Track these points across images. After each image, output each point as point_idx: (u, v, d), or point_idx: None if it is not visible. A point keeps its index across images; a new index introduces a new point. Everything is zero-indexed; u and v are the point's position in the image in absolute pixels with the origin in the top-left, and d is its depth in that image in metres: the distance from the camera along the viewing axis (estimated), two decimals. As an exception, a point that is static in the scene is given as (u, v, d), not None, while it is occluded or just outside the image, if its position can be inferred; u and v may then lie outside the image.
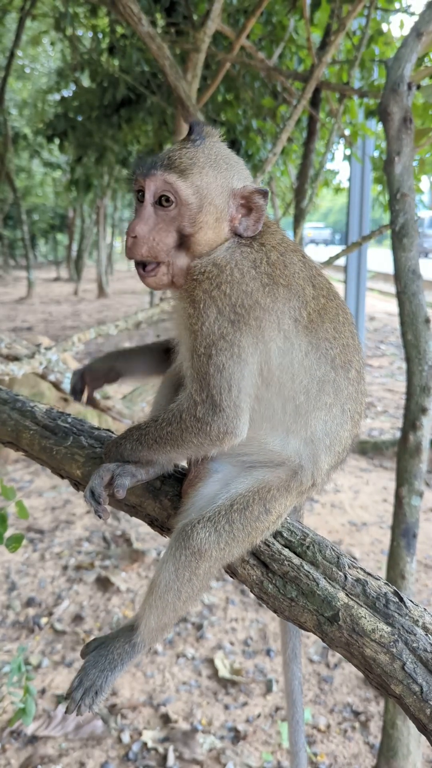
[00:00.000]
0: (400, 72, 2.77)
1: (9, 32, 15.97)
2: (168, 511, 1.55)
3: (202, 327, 1.39)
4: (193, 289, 1.42)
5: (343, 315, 1.57)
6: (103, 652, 1.52)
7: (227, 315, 1.39)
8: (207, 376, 1.38)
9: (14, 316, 18.46)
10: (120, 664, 1.51)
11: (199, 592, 1.45)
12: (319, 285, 1.54)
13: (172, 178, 1.43)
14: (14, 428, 1.82)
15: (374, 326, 16.57)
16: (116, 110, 10.19)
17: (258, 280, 1.43)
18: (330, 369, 1.49)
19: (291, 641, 1.80)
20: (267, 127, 8.32)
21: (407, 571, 2.75)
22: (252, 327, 1.40)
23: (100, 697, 1.48)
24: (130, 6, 4.00)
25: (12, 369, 2.99)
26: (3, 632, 4.27)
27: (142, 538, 5.48)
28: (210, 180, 1.46)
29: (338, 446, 1.53)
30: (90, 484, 1.46)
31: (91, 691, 1.48)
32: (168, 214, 1.44)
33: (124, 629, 1.56)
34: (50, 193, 30.38)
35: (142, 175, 1.45)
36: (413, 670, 1.21)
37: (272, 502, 1.43)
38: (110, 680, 1.49)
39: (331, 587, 1.33)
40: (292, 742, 1.84)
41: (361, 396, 1.58)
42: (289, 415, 1.47)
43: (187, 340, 1.44)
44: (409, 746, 2.77)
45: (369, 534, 5.65)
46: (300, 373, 1.46)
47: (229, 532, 1.39)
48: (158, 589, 1.43)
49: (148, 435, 1.46)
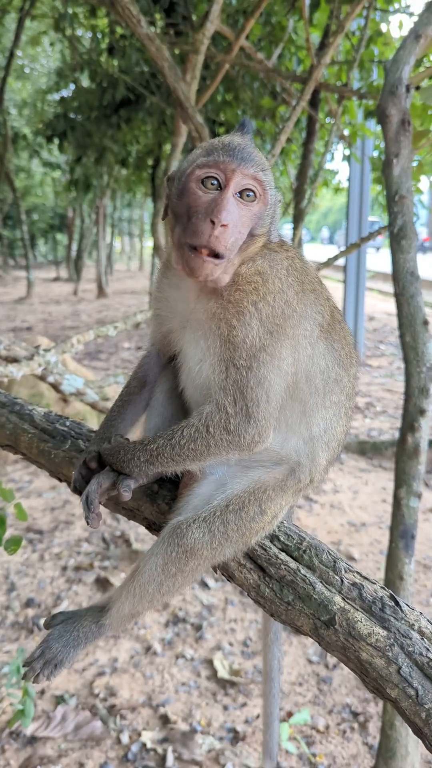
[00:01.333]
0: (398, 74, 2.77)
1: (8, 32, 15.97)
2: (165, 514, 1.55)
3: (245, 339, 1.36)
4: (240, 300, 1.38)
5: (341, 313, 1.62)
6: (69, 628, 1.54)
7: (268, 326, 1.37)
8: (245, 388, 1.35)
9: (14, 316, 18.46)
10: (84, 642, 1.53)
11: (181, 587, 1.46)
12: (325, 286, 1.58)
13: (263, 176, 1.39)
14: (13, 431, 1.82)
15: (373, 326, 16.57)
16: (115, 110, 10.20)
17: (293, 288, 1.43)
18: (340, 369, 1.52)
19: (273, 625, 1.87)
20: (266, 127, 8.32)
21: (406, 572, 2.76)
22: (289, 337, 1.40)
23: (58, 670, 1.50)
24: (129, 8, 4.00)
25: (11, 371, 2.99)
26: (2, 633, 4.27)
27: (141, 538, 5.48)
28: (272, 184, 1.46)
29: (334, 442, 1.55)
30: (87, 489, 1.46)
31: (51, 663, 1.49)
32: (250, 209, 1.38)
33: (93, 608, 1.58)
34: (50, 193, 30.36)
35: (233, 163, 1.35)
36: (409, 674, 1.21)
37: (268, 502, 1.44)
38: (72, 656, 1.51)
39: (328, 591, 1.34)
40: (265, 715, 1.93)
41: (355, 392, 1.62)
42: (295, 416, 1.48)
43: (220, 351, 1.39)
44: (407, 747, 2.77)
45: (368, 534, 5.65)
46: (317, 376, 1.48)
47: (223, 533, 1.39)
48: (141, 579, 1.44)
49: (163, 455, 1.41)
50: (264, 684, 1.92)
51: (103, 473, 1.49)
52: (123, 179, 17.70)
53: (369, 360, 12.71)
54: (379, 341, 14.65)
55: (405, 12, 6.07)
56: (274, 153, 4.54)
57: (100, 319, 17.76)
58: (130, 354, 13.14)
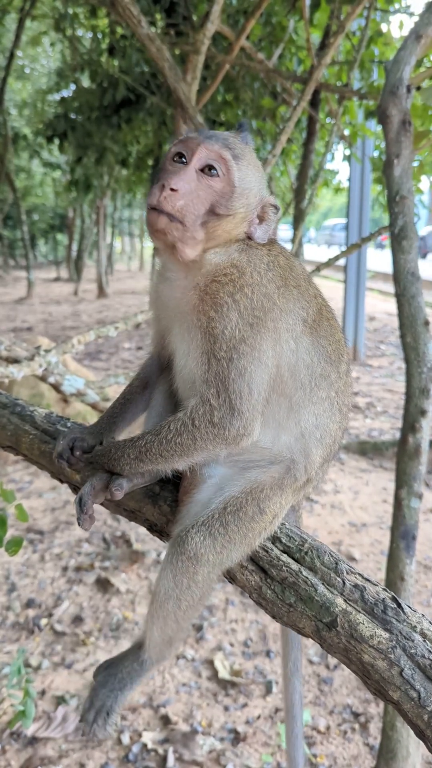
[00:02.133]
0: (399, 74, 2.76)
1: (9, 32, 15.98)
2: (167, 516, 1.55)
3: (224, 330, 1.38)
4: (216, 292, 1.41)
5: (331, 311, 1.63)
6: (113, 672, 1.54)
7: (247, 318, 1.39)
8: (227, 380, 1.37)
9: (14, 316, 18.46)
10: (129, 683, 1.52)
11: (200, 600, 1.44)
12: (314, 285, 1.60)
13: (228, 154, 1.44)
14: (14, 432, 1.82)
15: (374, 326, 16.56)
16: (116, 111, 10.20)
17: (274, 283, 1.46)
18: (326, 365, 1.53)
19: (293, 653, 1.81)
20: (266, 127, 8.33)
21: (406, 572, 2.75)
22: (270, 330, 1.41)
23: (111, 717, 1.49)
24: (130, 8, 4.00)
25: (11, 371, 2.99)
26: (3, 633, 4.27)
27: (141, 539, 5.48)
28: (252, 178, 1.49)
29: (329, 438, 1.54)
30: (80, 491, 1.48)
31: (102, 711, 1.49)
32: (211, 184, 1.43)
33: (133, 648, 1.57)
34: (50, 193, 30.35)
35: (198, 139, 1.44)
36: (411, 676, 1.21)
37: (266, 501, 1.43)
38: (120, 700, 1.50)
39: (330, 593, 1.33)
40: (290, 750, 1.86)
41: (349, 388, 1.61)
42: (282, 411, 1.48)
43: (201, 344, 1.41)
44: (408, 748, 2.77)
45: (369, 535, 5.65)
46: (302, 371, 1.48)
47: (224, 534, 1.39)
48: (158, 599, 1.44)
49: (151, 451, 1.42)
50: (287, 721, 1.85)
51: (97, 475, 1.50)
52: (123, 179, 17.68)
53: (369, 360, 12.70)
54: (379, 341, 14.64)
55: (405, 12, 6.07)
56: (275, 153, 4.53)
57: (101, 320, 17.75)
58: (131, 354, 13.13)
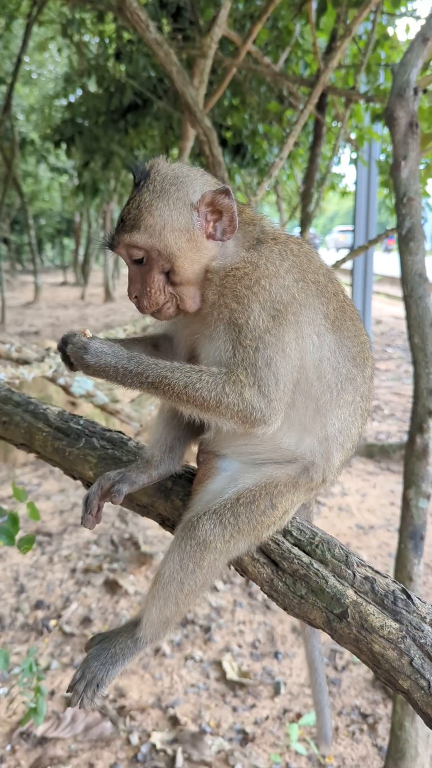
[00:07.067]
0: (406, 77, 2.79)
1: (16, 38, 16.08)
2: (179, 510, 1.57)
3: (248, 321, 1.38)
4: (234, 285, 1.42)
5: (356, 312, 1.61)
6: (106, 646, 1.55)
7: (268, 310, 1.39)
8: (255, 367, 1.36)
9: (21, 320, 18.54)
10: (121, 658, 1.53)
11: (202, 586, 1.46)
12: (335, 281, 1.57)
13: (128, 238, 1.46)
14: (27, 430, 1.85)
15: (381, 330, 16.56)
16: (123, 115, 10.23)
17: (291, 275, 1.45)
18: (352, 367, 1.52)
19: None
20: (273, 131, 8.35)
21: (415, 573, 2.76)
22: (291, 322, 1.41)
23: (101, 690, 1.50)
24: (138, 13, 4.05)
25: (22, 373, 3.02)
26: (12, 635, 4.30)
27: (149, 541, 5.50)
28: (162, 211, 1.45)
29: (349, 443, 1.55)
30: (88, 491, 1.53)
31: (92, 683, 1.50)
32: (147, 267, 1.47)
33: (128, 624, 1.59)
34: (57, 197, 30.53)
35: (112, 249, 1.51)
36: (421, 665, 1.23)
37: (279, 497, 1.45)
38: (111, 674, 1.52)
39: (340, 585, 1.35)
40: (316, 701, 1.98)
41: (372, 394, 1.61)
42: (309, 414, 1.48)
43: (225, 334, 1.41)
44: (417, 748, 2.77)
45: (376, 537, 5.65)
46: (328, 371, 1.47)
47: (234, 524, 1.40)
48: (162, 579, 1.45)
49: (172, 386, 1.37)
50: (311, 675, 1.97)
51: (104, 476, 1.54)
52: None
53: (376, 363, 12.67)
54: (386, 345, 14.64)
55: (412, 15, 6.09)
56: (282, 157, 4.56)
57: (108, 323, 17.81)
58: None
